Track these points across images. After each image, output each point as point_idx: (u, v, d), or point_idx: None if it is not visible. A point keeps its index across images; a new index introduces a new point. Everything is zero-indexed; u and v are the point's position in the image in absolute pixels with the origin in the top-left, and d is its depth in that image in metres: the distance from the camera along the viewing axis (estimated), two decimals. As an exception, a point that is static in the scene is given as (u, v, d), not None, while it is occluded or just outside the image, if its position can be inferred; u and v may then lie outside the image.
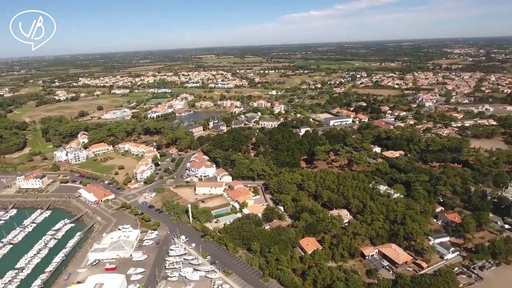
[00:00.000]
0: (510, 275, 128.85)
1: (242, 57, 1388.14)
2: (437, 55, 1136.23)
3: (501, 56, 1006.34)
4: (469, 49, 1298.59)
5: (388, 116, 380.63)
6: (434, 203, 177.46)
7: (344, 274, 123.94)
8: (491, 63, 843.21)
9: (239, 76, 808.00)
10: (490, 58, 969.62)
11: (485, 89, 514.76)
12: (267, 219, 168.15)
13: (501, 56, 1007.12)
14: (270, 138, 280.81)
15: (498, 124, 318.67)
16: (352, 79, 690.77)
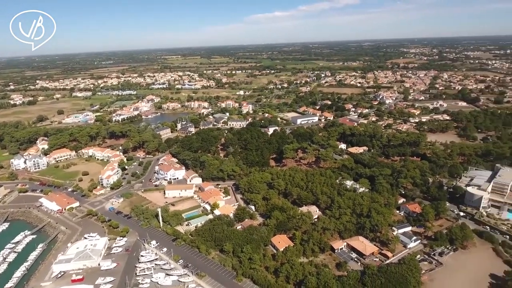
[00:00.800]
0: (466, 259, 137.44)
1: (209, 58, 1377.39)
2: (395, 54, 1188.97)
3: (452, 55, 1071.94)
4: (424, 48, 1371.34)
5: (352, 113, 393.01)
6: (397, 195, 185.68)
7: (316, 269, 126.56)
8: (444, 62, 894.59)
9: (206, 76, 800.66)
10: (443, 57, 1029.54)
11: (438, 86, 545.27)
12: (238, 219, 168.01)
13: (452, 55, 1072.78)
14: (239, 138, 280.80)
15: (451, 119, 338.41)
16: (317, 78, 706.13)
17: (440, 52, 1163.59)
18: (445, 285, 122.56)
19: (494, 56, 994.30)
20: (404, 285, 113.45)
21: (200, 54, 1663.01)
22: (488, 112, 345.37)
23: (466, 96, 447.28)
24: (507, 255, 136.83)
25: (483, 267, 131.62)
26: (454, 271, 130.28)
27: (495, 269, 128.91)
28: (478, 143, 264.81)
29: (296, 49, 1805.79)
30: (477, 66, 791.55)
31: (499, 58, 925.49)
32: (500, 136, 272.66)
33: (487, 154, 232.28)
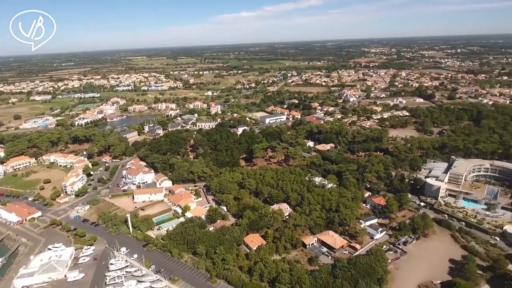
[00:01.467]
0: (427, 246, 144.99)
1: (175, 58, 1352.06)
2: (357, 54, 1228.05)
3: (409, 54, 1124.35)
4: (383, 48, 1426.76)
5: (318, 111, 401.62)
6: (363, 189, 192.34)
7: (288, 265, 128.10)
8: (402, 61, 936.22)
9: (173, 77, 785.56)
10: (401, 56, 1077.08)
11: (398, 84, 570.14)
12: (210, 221, 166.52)
13: (409, 54, 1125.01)
14: (208, 139, 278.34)
15: (410, 114, 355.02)
16: (284, 78, 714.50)
17: (398, 52, 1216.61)
18: (409, 272, 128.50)
19: (447, 55, 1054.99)
20: (372, 275, 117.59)
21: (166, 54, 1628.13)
22: (442, 107, 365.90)
23: (422, 93, 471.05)
24: (463, 240, 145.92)
25: (442, 253, 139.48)
26: (417, 258, 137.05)
27: (454, 254, 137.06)
28: (435, 137, 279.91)
29: (262, 49, 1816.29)
30: (431, 65, 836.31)
31: (450, 57, 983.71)
32: (454, 130, 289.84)
33: (443, 147, 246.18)
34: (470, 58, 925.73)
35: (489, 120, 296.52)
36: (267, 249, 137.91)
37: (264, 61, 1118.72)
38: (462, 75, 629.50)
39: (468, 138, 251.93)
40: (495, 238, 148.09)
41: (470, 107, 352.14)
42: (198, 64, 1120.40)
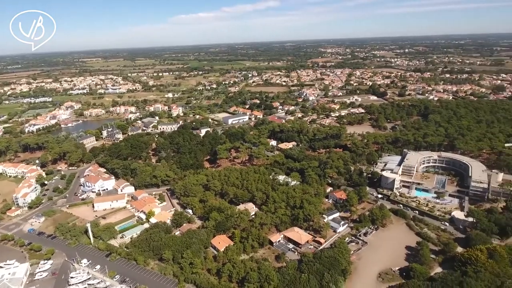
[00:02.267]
0: (386, 235, 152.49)
1: (132, 60, 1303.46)
2: (314, 54, 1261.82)
3: (362, 54, 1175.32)
4: (339, 48, 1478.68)
5: (280, 111, 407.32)
6: (325, 185, 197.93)
7: (256, 264, 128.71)
8: (356, 60, 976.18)
9: (131, 79, 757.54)
10: (355, 56, 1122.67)
11: (353, 82, 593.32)
12: (176, 225, 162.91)
13: (362, 54, 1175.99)
14: (171, 142, 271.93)
15: (365, 111, 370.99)
16: (245, 78, 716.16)
17: (352, 52, 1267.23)
18: (370, 262, 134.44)
19: (396, 54, 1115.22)
20: (336, 267, 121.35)
21: (123, 56, 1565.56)
22: (394, 104, 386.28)
23: (376, 91, 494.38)
24: (417, 228, 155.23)
25: (399, 240, 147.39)
26: (377, 247, 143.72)
27: (409, 241, 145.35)
28: (388, 132, 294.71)
29: (222, 50, 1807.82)
30: (383, 64, 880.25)
31: (399, 56, 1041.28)
32: (405, 125, 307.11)
33: (396, 141, 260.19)
34: (416, 57, 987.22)
35: (435, 115, 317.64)
36: (234, 249, 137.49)
37: (225, 61, 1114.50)
38: (410, 73, 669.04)
39: (418, 132, 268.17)
40: (444, 223, 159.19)
41: (418, 103, 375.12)
42: (157, 65, 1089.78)
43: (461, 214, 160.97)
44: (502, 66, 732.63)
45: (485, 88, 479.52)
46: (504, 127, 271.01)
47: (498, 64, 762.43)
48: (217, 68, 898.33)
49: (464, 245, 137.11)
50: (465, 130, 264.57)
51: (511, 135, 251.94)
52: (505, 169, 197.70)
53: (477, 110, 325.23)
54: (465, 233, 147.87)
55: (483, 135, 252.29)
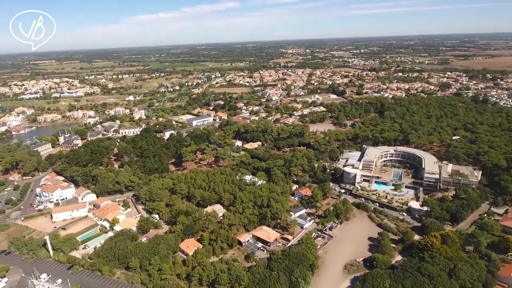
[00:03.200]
0: (349, 228, 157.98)
1: (89, 62, 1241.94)
2: (276, 55, 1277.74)
3: (322, 54, 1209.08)
4: (299, 49, 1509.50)
5: (244, 111, 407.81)
6: (290, 183, 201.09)
7: (226, 265, 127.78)
8: (316, 61, 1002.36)
9: (88, 82, 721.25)
10: (314, 56, 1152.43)
11: (314, 82, 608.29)
12: (142, 231, 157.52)
13: (321, 54, 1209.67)
14: (133, 146, 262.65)
15: (326, 110, 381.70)
16: (208, 79, 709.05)
17: (312, 52, 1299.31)
18: (336, 255, 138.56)
19: (353, 55, 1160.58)
20: (305, 262, 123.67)
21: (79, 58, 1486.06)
22: (353, 102, 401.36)
23: (335, 90, 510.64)
24: (378, 219, 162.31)
25: (362, 232, 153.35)
26: (342, 240, 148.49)
27: (371, 233, 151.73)
28: (348, 129, 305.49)
29: (184, 51, 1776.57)
30: (341, 64, 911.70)
31: (356, 57, 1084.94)
32: (364, 122, 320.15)
33: (355, 137, 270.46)
34: (371, 57, 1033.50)
35: (390, 112, 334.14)
36: (203, 252, 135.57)
37: (187, 63, 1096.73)
38: (366, 72, 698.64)
39: (375, 128, 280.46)
40: (402, 214, 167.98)
41: (375, 100, 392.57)
42: (116, 67, 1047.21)
43: (417, 204, 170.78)
44: (447, 64, 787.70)
45: (433, 86, 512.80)
46: (451, 121, 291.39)
47: (444, 63, 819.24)
48: (179, 70, 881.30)
49: (421, 233, 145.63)
50: (417, 125, 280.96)
51: (458, 129, 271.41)
52: (453, 160, 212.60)
53: (427, 106, 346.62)
54: (421, 222, 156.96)
55: (433, 129, 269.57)
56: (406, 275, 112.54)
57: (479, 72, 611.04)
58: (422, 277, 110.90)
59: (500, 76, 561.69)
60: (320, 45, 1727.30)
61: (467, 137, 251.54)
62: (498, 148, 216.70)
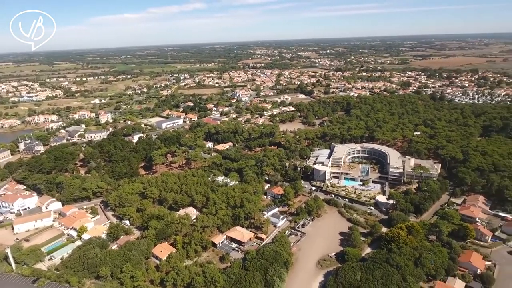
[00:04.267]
0: (321, 224, 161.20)
1: (50, 64, 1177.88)
2: (244, 55, 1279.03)
3: (289, 55, 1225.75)
4: (267, 50, 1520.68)
5: (214, 112, 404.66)
6: (262, 182, 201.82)
7: (201, 268, 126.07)
8: (284, 61, 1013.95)
9: (50, 86, 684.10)
10: (282, 57, 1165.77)
11: (282, 82, 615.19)
12: (113, 238, 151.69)
13: (289, 55, 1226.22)
14: (100, 150, 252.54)
15: (295, 109, 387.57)
16: (177, 81, 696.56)
17: (280, 53, 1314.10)
18: (309, 251, 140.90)
19: (319, 55, 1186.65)
20: (279, 260, 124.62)
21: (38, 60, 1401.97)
22: (320, 101, 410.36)
23: (303, 90, 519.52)
24: (348, 214, 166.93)
25: (333, 228, 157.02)
26: (314, 236, 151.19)
27: (342, 227, 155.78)
28: (317, 128, 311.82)
29: (151, 52, 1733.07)
30: (308, 64, 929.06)
31: (322, 57, 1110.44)
32: (331, 120, 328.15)
33: (324, 135, 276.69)
34: (337, 57, 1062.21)
35: (356, 110, 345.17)
36: (177, 256, 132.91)
37: (155, 64, 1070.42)
38: (332, 72, 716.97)
39: (343, 126, 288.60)
40: (370, 208, 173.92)
41: (341, 99, 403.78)
42: (80, 69, 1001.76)
43: (383, 198, 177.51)
44: (407, 64, 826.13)
45: (395, 84, 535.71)
46: (412, 118, 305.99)
47: (404, 63, 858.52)
48: (147, 71, 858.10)
49: (388, 225, 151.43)
50: (381, 122, 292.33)
51: (418, 125, 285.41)
52: (415, 154, 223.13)
53: (390, 104, 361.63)
54: (388, 215, 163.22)
55: (396, 126, 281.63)
56: (376, 266, 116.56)
57: (435, 71, 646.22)
58: (391, 268, 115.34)
59: (455, 75, 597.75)
60: (287, 46, 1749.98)
61: (427, 132, 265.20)
62: (455, 142, 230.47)
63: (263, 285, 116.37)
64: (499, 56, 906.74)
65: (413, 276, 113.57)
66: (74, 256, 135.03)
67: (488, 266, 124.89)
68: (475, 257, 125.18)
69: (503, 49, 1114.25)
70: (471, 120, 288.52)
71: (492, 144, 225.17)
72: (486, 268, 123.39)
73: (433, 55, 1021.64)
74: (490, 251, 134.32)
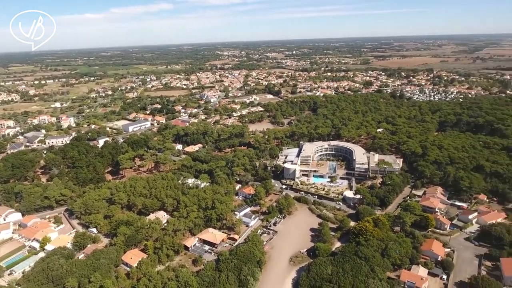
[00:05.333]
0: (292, 222, 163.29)
1: (5, 67, 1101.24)
2: (212, 57, 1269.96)
3: (256, 56, 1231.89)
4: (234, 51, 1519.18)
5: (183, 114, 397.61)
6: (233, 183, 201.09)
7: (174, 272, 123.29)
8: (251, 62, 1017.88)
9: (5, 89, 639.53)
10: (250, 58, 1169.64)
11: (250, 83, 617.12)
12: (79, 247, 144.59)
13: (256, 56, 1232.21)
14: (63, 156, 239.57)
15: (264, 109, 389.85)
16: (143, 83, 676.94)
17: (247, 54, 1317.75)
18: (282, 249, 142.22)
19: (286, 56, 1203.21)
20: (252, 260, 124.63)
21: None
22: (288, 101, 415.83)
23: (271, 90, 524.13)
24: (318, 210, 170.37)
25: (304, 224, 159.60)
26: (286, 234, 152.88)
27: (312, 224, 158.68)
28: (286, 127, 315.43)
29: (116, 53, 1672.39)
30: (275, 65, 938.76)
31: (288, 58, 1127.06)
32: (299, 119, 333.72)
33: (292, 134, 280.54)
34: (303, 58, 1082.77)
35: (322, 109, 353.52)
36: (148, 262, 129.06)
37: (119, 66, 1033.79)
38: (299, 72, 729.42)
39: (310, 125, 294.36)
40: (339, 203, 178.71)
41: (308, 99, 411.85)
42: (38, 72, 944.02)
43: (351, 193, 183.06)
44: (368, 64, 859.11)
45: (358, 84, 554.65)
46: (375, 116, 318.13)
47: (366, 63, 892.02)
48: (111, 73, 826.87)
49: (355, 219, 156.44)
50: (346, 120, 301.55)
51: (381, 122, 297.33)
52: (379, 150, 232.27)
53: (354, 103, 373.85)
54: (355, 209, 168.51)
55: (361, 124, 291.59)
56: (346, 259, 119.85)
57: (395, 70, 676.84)
58: (359, 260, 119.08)
59: (412, 74, 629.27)
60: (254, 47, 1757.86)
61: (389, 129, 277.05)
62: (414, 138, 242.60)
63: (237, 285, 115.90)
64: (451, 56, 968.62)
65: (381, 266, 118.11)
66: (37, 268, 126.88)
67: (448, 253, 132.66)
68: (436, 245, 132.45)
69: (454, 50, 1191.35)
70: (428, 117, 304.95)
71: (447, 139, 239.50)
72: (446, 254, 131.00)
73: (392, 56, 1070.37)
74: (449, 239, 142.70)
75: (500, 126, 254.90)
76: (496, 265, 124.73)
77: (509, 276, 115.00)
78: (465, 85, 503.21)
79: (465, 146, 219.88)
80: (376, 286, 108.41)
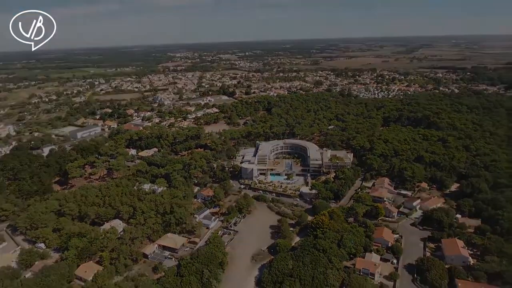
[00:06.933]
0: (252, 221, 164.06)
1: None
2: (164, 58, 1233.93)
3: (210, 58, 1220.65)
4: (187, 53, 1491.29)
5: (135, 118, 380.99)
6: (192, 185, 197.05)
7: (133, 282, 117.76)
8: (204, 64, 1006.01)
9: None
10: (203, 60, 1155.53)
11: (205, 84, 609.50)
12: (25, 265, 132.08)
13: (209, 58, 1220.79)
14: (2, 168, 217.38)
15: (219, 111, 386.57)
16: (91, 86, 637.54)
17: (200, 56, 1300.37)
18: (243, 248, 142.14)
19: (239, 57, 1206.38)
20: (214, 261, 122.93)
21: None
22: (243, 102, 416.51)
23: (226, 91, 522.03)
24: (276, 208, 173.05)
25: (264, 222, 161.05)
26: (247, 233, 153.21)
27: (272, 221, 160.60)
28: (242, 127, 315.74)
29: (59, 56, 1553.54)
30: (229, 66, 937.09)
31: (242, 59, 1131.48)
32: (255, 119, 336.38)
33: (248, 134, 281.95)
34: (256, 59, 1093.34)
35: (276, 108, 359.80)
36: (105, 274, 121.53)
37: (64, 69, 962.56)
38: (252, 73, 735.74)
39: (265, 125, 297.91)
40: (296, 199, 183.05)
41: (262, 99, 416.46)
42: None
43: (307, 189, 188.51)
44: (318, 65, 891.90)
45: (309, 83, 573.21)
46: (326, 114, 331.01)
47: (315, 64, 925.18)
48: (55, 77, 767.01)
49: (312, 214, 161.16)
50: (300, 119, 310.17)
51: (331, 119, 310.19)
52: (331, 146, 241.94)
53: (306, 102, 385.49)
54: (312, 204, 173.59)
55: (313, 121, 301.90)
56: (305, 253, 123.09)
57: (342, 70, 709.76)
58: (318, 252, 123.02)
59: (358, 74, 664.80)
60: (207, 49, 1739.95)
61: (339, 126, 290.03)
62: (362, 133, 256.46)
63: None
64: (392, 57, 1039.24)
65: (337, 257, 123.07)
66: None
67: (397, 239, 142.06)
68: (386, 232, 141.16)
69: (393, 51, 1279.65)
70: (374, 113, 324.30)
71: (391, 133, 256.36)
72: (395, 240, 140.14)
73: (339, 56, 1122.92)
74: (397, 225, 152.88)
75: (436, 120, 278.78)
76: (438, 246, 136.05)
77: (449, 255, 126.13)
78: (405, 83, 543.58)
79: (407, 139, 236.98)
80: (334, 276, 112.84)
